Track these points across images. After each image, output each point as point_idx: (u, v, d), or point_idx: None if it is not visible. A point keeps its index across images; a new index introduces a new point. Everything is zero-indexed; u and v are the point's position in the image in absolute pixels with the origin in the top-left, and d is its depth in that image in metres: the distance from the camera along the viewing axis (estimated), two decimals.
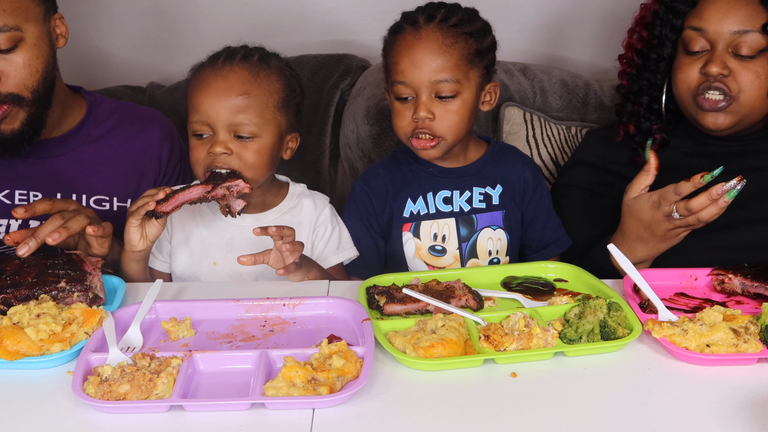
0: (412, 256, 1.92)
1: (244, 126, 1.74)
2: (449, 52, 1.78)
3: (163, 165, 2.03)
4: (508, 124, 2.30)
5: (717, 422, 1.24)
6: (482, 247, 1.92)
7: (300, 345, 1.44)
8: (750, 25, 1.76)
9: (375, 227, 1.94)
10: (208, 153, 1.75)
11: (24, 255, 1.58)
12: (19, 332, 1.40)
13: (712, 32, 1.79)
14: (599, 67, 2.62)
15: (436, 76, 1.77)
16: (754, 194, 1.85)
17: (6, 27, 1.71)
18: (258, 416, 1.26)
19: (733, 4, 1.78)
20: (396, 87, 1.80)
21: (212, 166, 1.74)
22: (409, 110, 1.80)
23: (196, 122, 1.76)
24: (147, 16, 2.62)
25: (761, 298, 1.59)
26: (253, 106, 1.74)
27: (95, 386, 1.28)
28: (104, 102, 2.03)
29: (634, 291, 1.58)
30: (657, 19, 1.90)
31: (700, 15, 1.81)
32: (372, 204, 1.93)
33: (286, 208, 1.88)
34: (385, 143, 2.32)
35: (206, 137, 1.76)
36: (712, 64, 1.78)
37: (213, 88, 1.75)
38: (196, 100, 1.76)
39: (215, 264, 1.82)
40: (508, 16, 2.56)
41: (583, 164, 2.06)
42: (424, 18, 1.80)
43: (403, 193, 1.92)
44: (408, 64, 1.78)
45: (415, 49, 1.78)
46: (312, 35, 2.63)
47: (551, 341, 1.42)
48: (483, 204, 1.92)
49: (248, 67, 1.78)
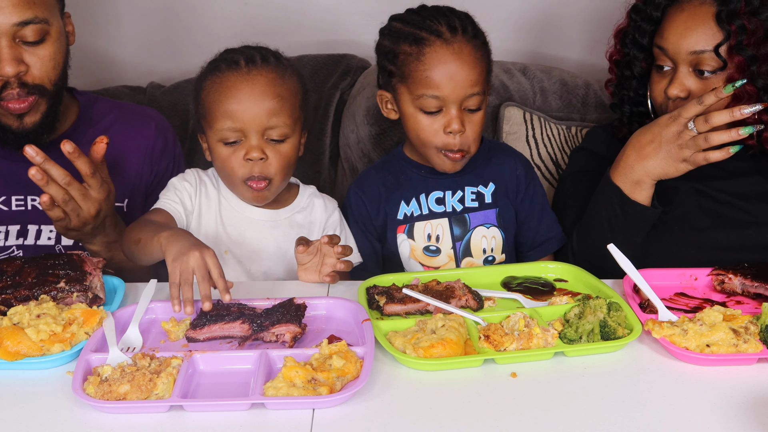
0: (407, 258, 1.92)
1: (277, 129, 1.73)
2: (480, 65, 1.79)
3: (155, 162, 2.01)
4: (508, 123, 2.30)
5: (717, 422, 1.24)
6: (476, 245, 1.92)
7: (300, 345, 1.44)
8: (706, 45, 1.76)
9: (371, 231, 1.94)
10: (244, 160, 1.73)
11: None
12: (19, 333, 1.40)
13: (672, 51, 1.79)
14: (599, 66, 2.62)
15: (470, 90, 1.77)
16: (755, 195, 1.85)
17: (37, 19, 1.72)
18: (258, 416, 1.26)
19: (689, 23, 1.77)
20: (425, 100, 1.78)
21: (251, 175, 1.73)
22: (438, 123, 1.79)
23: (227, 129, 1.73)
24: (147, 16, 2.62)
25: (761, 298, 1.59)
26: (285, 108, 1.74)
27: (95, 386, 1.28)
28: (98, 102, 2.02)
29: (634, 291, 1.58)
30: (627, 36, 1.92)
31: (662, 33, 1.82)
32: (366, 208, 1.93)
33: (298, 207, 1.88)
34: (384, 143, 2.32)
35: (235, 143, 1.74)
36: (671, 87, 1.79)
37: (245, 92, 1.72)
38: (226, 106, 1.72)
39: (226, 252, 1.82)
40: (507, 16, 2.56)
41: (585, 151, 2.07)
42: (449, 29, 1.78)
43: (396, 195, 1.93)
44: (444, 78, 1.76)
45: (450, 63, 1.76)
46: (312, 35, 2.63)
47: (551, 341, 1.42)
48: (475, 203, 1.92)
49: (273, 69, 1.77)
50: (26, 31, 1.72)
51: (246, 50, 1.80)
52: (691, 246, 1.84)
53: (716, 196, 1.87)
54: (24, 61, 1.73)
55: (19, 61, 1.72)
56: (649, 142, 1.74)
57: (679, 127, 1.70)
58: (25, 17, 1.71)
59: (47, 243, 1.87)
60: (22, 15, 1.70)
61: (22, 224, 1.87)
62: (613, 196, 1.79)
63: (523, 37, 2.63)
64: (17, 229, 1.86)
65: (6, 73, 1.71)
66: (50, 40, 1.77)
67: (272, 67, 1.77)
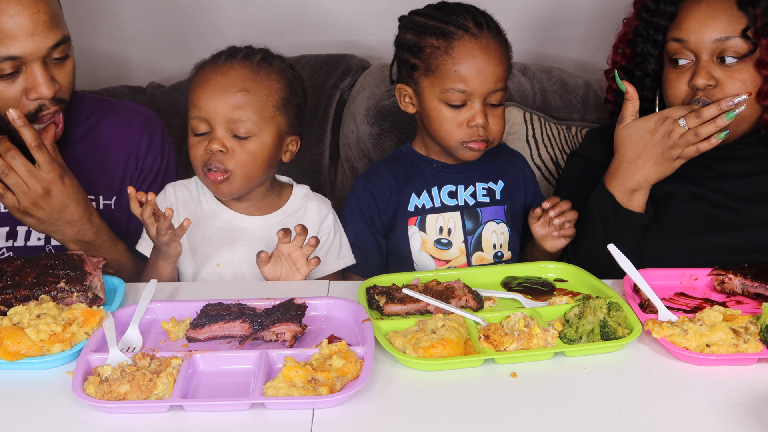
0: (418, 250, 1.92)
1: (241, 123, 1.73)
2: (505, 62, 1.83)
3: (140, 158, 1.99)
4: (509, 124, 2.30)
5: (717, 422, 1.24)
6: (487, 240, 1.93)
7: (300, 345, 1.44)
8: (731, 31, 1.76)
9: (377, 225, 1.94)
10: (205, 150, 1.75)
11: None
12: (19, 333, 1.40)
13: (694, 42, 1.79)
14: (598, 66, 2.62)
15: (495, 85, 1.81)
16: (750, 197, 1.85)
17: (65, 38, 1.73)
18: (258, 416, 1.26)
19: (711, 11, 1.78)
20: (450, 94, 1.80)
21: (209, 165, 1.74)
22: (462, 117, 1.82)
23: (194, 118, 1.76)
24: (147, 16, 2.62)
25: (761, 298, 1.59)
26: (251, 104, 1.74)
27: (95, 386, 1.28)
28: (85, 99, 2.00)
29: (634, 291, 1.58)
30: (638, 36, 1.91)
31: (680, 26, 1.81)
32: (375, 201, 1.93)
33: (290, 210, 1.88)
34: (384, 143, 2.32)
35: (204, 135, 1.76)
36: (698, 77, 1.78)
37: (212, 84, 1.75)
38: (195, 95, 1.76)
39: (218, 266, 1.82)
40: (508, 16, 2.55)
41: (580, 157, 2.07)
42: (475, 24, 1.81)
43: (407, 188, 1.93)
44: (472, 72, 1.78)
45: (479, 58, 1.79)
46: (312, 35, 2.63)
47: (551, 341, 1.42)
48: (487, 198, 1.94)
49: (249, 65, 1.78)
50: (56, 51, 1.72)
51: (239, 47, 1.81)
52: (685, 249, 1.85)
53: (711, 199, 1.87)
54: (56, 80, 1.74)
55: (53, 81, 1.73)
56: (642, 150, 1.76)
57: (668, 127, 1.73)
58: (57, 39, 1.71)
59: (37, 244, 1.87)
60: (55, 37, 1.70)
61: (11, 226, 1.85)
62: (607, 203, 1.80)
63: (524, 37, 2.63)
64: (6, 230, 1.85)
65: (45, 95, 1.71)
66: (71, 54, 1.77)
67: (249, 63, 1.78)
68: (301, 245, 1.70)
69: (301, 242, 1.69)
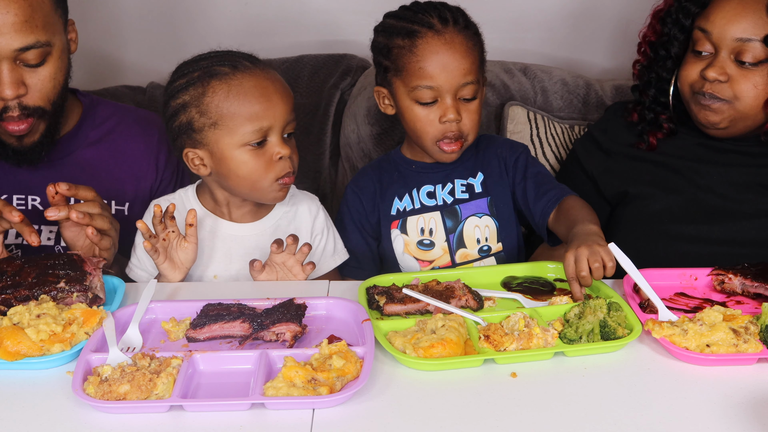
0: (402, 253, 1.92)
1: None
2: (473, 55, 1.81)
3: (161, 170, 2.00)
4: (512, 123, 2.30)
5: (717, 422, 1.24)
6: (469, 236, 1.92)
7: (300, 345, 1.44)
8: (753, 34, 1.76)
9: (367, 228, 1.95)
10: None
11: (51, 218, 1.63)
12: (19, 333, 1.40)
13: (717, 36, 1.79)
14: (600, 67, 2.62)
15: (464, 79, 1.79)
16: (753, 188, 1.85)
17: (39, 43, 1.71)
18: (258, 416, 1.26)
19: (739, 10, 1.78)
20: (419, 92, 1.80)
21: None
22: (434, 114, 1.81)
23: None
24: (147, 16, 2.62)
25: (761, 298, 1.59)
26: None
27: (95, 386, 1.28)
28: (101, 104, 2.01)
29: (634, 291, 1.58)
30: (669, 16, 1.91)
31: (708, 17, 1.82)
32: (363, 205, 1.94)
33: (280, 214, 1.85)
34: (385, 143, 2.32)
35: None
36: (711, 69, 1.79)
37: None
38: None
39: (215, 277, 1.81)
40: (508, 16, 2.56)
41: (577, 161, 2.08)
42: (440, 21, 1.81)
43: (390, 191, 1.94)
44: (437, 68, 1.78)
45: (443, 53, 1.78)
46: (312, 35, 2.63)
47: (551, 341, 1.42)
48: (466, 194, 1.93)
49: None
50: (28, 54, 1.70)
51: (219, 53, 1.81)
52: (689, 242, 1.85)
53: (709, 189, 1.87)
54: (24, 83, 1.72)
55: (19, 83, 1.71)
56: None
57: None
58: (27, 43, 1.69)
59: (47, 243, 1.87)
60: (24, 40, 1.69)
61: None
62: None
63: (524, 37, 2.63)
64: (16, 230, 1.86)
65: (6, 96, 1.70)
66: (51, 60, 1.75)
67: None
68: (294, 253, 1.69)
69: (294, 250, 1.69)
